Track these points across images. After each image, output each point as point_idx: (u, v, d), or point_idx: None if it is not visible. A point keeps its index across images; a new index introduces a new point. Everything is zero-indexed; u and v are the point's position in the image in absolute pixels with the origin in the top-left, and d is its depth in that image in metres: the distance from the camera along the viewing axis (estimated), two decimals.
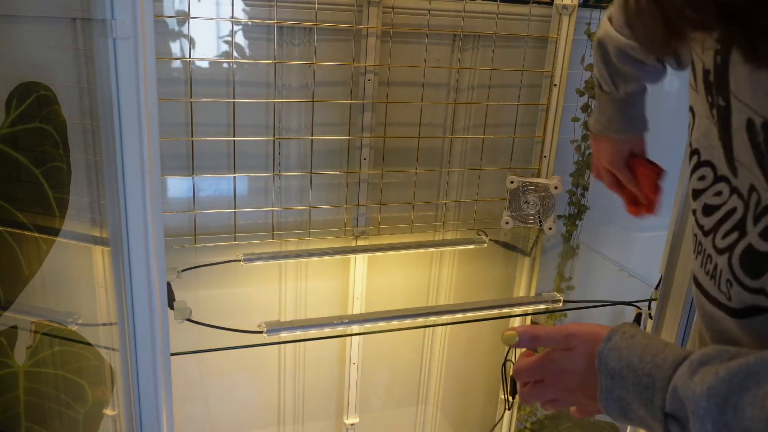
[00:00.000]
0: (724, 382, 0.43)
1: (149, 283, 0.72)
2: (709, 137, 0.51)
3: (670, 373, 0.47)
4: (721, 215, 0.50)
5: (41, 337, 1.11)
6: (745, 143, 0.45)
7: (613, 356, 0.52)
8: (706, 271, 0.52)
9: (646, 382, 0.49)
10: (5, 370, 1.09)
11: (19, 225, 1.06)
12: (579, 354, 0.57)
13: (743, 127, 0.45)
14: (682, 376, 0.46)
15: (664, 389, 0.47)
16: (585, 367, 0.56)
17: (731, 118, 0.46)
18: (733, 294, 0.48)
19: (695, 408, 0.44)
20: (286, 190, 1.36)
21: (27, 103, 1.03)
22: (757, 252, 0.45)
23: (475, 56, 1.40)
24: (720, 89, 0.47)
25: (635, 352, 0.51)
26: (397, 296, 1.50)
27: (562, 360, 0.58)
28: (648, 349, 0.50)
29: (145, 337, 0.74)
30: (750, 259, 0.46)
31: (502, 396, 1.64)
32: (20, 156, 1.04)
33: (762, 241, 0.45)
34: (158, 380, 0.77)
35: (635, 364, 0.50)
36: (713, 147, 0.51)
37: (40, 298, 1.11)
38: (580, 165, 1.51)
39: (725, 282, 0.49)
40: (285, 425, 1.54)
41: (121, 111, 0.66)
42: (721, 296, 0.50)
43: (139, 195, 0.69)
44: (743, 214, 0.47)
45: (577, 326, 0.58)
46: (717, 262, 0.50)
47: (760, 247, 0.45)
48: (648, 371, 0.49)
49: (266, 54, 1.25)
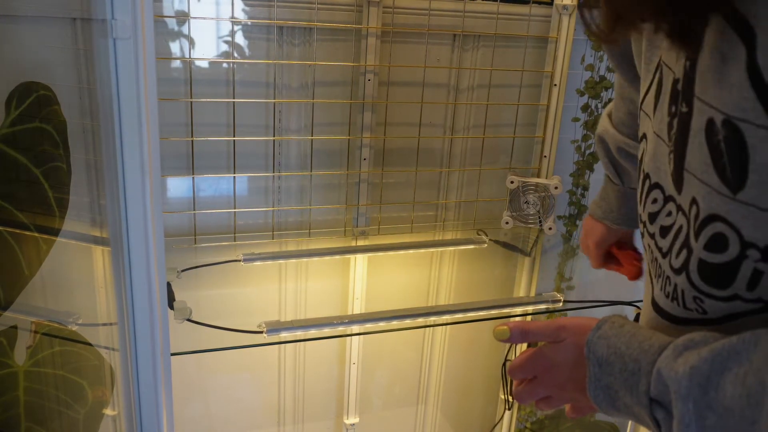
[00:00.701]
0: (706, 362, 0.43)
1: (149, 283, 0.72)
2: (658, 157, 0.52)
3: (655, 357, 0.47)
4: (672, 235, 0.50)
5: (41, 337, 1.11)
6: (702, 147, 0.45)
7: (601, 344, 0.52)
8: (666, 293, 0.51)
9: (633, 368, 0.48)
10: (5, 370, 1.09)
11: (19, 225, 1.06)
12: (568, 345, 0.57)
13: (702, 129, 0.44)
14: (666, 359, 0.46)
15: (649, 373, 0.47)
16: (574, 359, 0.56)
17: (691, 122, 0.46)
18: (707, 307, 0.47)
19: (677, 388, 0.44)
20: (286, 190, 1.36)
21: (27, 103, 1.03)
22: (711, 264, 0.45)
23: (475, 56, 1.40)
24: (685, 94, 0.47)
25: (623, 340, 0.51)
26: (397, 296, 1.50)
27: (552, 353, 0.58)
28: (635, 337, 0.50)
29: (145, 337, 0.74)
30: (709, 273, 0.46)
31: (502, 396, 1.64)
32: (20, 156, 1.04)
33: (708, 252, 0.45)
34: (158, 380, 0.77)
35: (622, 351, 0.50)
36: (659, 168, 0.52)
37: (40, 298, 1.11)
38: (580, 165, 1.51)
39: (692, 299, 0.48)
40: (285, 425, 1.54)
41: (121, 111, 0.66)
42: (690, 314, 0.49)
43: (139, 195, 0.69)
44: (687, 231, 0.47)
45: (568, 319, 0.58)
46: (676, 282, 0.49)
47: (709, 259, 0.45)
48: (634, 357, 0.49)
49: (266, 54, 1.25)
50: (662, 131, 0.51)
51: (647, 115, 0.55)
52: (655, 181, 0.53)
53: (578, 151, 1.50)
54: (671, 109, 0.50)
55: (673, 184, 0.50)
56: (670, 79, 0.50)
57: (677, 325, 0.51)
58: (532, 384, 0.60)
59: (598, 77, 1.45)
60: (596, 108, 1.46)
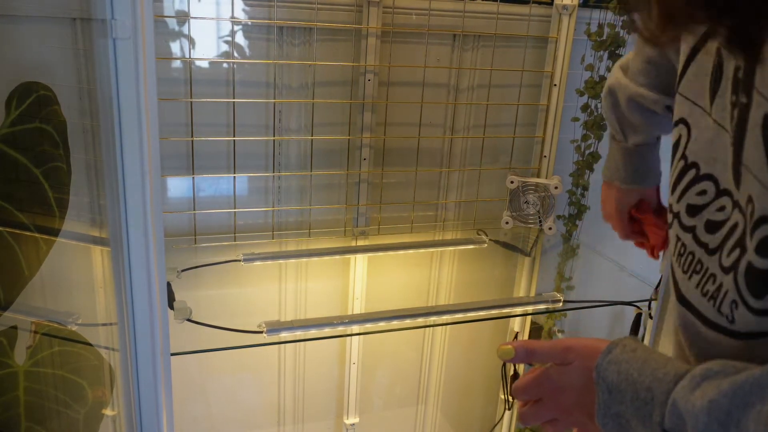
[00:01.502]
0: (726, 397, 0.40)
1: (149, 283, 0.72)
2: (714, 147, 0.49)
3: (670, 387, 0.45)
4: (726, 232, 0.47)
5: (41, 337, 1.11)
6: (758, 141, 0.42)
7: (611, 369, 0.49)
8: (704, 292, 0.49)
9: (645, 396, 0.46)
10: (5, 370, 1.09)
11: (19, 225, 1.06)
12: (576, 369, 0.54)
13: (759, 123, 0.42)
14: (683, 389, 0.44)
15: (664, 404, 0.45)
16: (582, 384, 0.53)
17: (749, 115, 0.43)
18: (737, 316, 0.45)
19: (695, 423, 0.42)
20: (286, 190, 1.36)
21: (27, 103, 1.03)
22: (757, 269, 0.43)
23: (475, 56, 1.40)
24: (746, 85, 0.44)
25: (635, 366, 0.48)
26: (397, 296, 1.50)
27: (558, 376, 0.56)
28: (648, 363, 0.48)
29: (145, 337, 0.74)
30: (752, 278, 0.43)
31: (502, 396, 1.64)
32: (20, 156, 1.04)
33: (758, 257, 0.42)
34: (158, 380, 0.77)
35: (634, 378, 0.48)
36: (716, 159, 0.49)
37: (39, 299, 1.11)
38: (580, 165, 1.51)
39: (730, 303, 0.45)
40: (285, 425, 1.54)
41: (121, 111, 0.66)
42: (720, 319, 0.47)
43: (139, 195, 0.69)
44: (743, 229, 0.45)
45: (575, 340, 0.56)
46: (722, 281, 0.46)
47: (757, 264, 0.42)
48: (647, 385, 0.46)
49: (266, 54, 1.25)
50: (724, 120, 0.48)
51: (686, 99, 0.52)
52: (706, 172, 0.50)
53: (578, 151, 1.50)
54: (732, 98, 0.47)
55: (733, 179, 0.46)
56: (732, 65, 0.47)
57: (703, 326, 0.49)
58: (537, 406, 0.58)
59: (598, 77, 1.45)
60: (596, 108, 1.46)
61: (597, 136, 1.48)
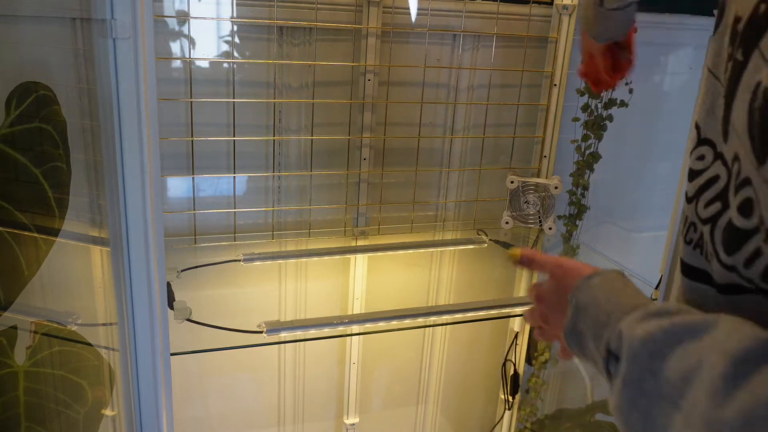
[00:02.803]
0: (664, 333, 0.43)
1: (149, 283, 0.72)
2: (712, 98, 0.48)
3: (625, 315, 0.48)
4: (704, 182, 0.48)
5: (41, 338, 1.11)
6: (744, 107, 0.41)
7: (585, 293, 0.54)
8: (689, 240, 0.51)
9: (603, 320, 0.50)
10: (5, 370, 1.09)
11: (18, 225, 1.06)
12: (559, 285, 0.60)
13: (750, 89, 0.41)
14: (632, 319, 0.47)
15: (614, 328, 0.48)
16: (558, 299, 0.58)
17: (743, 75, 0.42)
18: (714, 268, 0.47)
19: (629, 349, 0.45)
20: (286, 190, 1.36)
21: (27, 103, 1.03)
22: (734, 227, 0.44)
23: (475, 56, 1.40)
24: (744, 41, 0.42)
25: (605, 294, 0.52)
26: (397, 296, 1.50)
27: (546, 288, 0.62)
28: (618, 293, 0.51)
29: (145, 337, 0.74)
30: (728, 234, 0.45)
31: (502, 396, 1.64)
32: (20, 156, 1.04)
33: (739, 215, 0.43)
34: (158, 380, 0.77)
35: (600, 303, 0.52)
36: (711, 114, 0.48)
37: (39, 299, 1.11)
38: (580, 165, 1.51)
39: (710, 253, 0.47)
40: (285, 425, 1.54)
41: (121, 111, 0.66)
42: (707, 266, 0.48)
43: (139, 195, 0.69)
44: (726, 184, 0.46)
45: (568, 260, 0.61)
46: (702, 231, 0.48)
47: (736, 221, 0.44)
48: (608, 310, 0.50)
49: (266, 54, 1.25)
50: (718, 69, 0.47)
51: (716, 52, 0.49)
52: (705, 137, 0.49)
53: (578, 151, 1.50)
54: (729, 49, 0.44)
55: (722, 131, 0.46)
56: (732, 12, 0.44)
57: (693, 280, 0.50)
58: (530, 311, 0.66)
59: None
60: (596, 108, 1.46)
61: (597, 136, 1.48)
